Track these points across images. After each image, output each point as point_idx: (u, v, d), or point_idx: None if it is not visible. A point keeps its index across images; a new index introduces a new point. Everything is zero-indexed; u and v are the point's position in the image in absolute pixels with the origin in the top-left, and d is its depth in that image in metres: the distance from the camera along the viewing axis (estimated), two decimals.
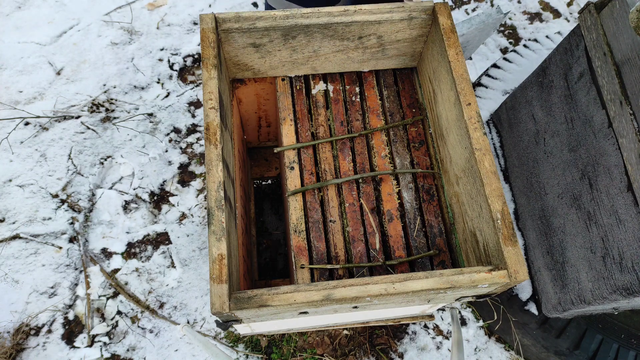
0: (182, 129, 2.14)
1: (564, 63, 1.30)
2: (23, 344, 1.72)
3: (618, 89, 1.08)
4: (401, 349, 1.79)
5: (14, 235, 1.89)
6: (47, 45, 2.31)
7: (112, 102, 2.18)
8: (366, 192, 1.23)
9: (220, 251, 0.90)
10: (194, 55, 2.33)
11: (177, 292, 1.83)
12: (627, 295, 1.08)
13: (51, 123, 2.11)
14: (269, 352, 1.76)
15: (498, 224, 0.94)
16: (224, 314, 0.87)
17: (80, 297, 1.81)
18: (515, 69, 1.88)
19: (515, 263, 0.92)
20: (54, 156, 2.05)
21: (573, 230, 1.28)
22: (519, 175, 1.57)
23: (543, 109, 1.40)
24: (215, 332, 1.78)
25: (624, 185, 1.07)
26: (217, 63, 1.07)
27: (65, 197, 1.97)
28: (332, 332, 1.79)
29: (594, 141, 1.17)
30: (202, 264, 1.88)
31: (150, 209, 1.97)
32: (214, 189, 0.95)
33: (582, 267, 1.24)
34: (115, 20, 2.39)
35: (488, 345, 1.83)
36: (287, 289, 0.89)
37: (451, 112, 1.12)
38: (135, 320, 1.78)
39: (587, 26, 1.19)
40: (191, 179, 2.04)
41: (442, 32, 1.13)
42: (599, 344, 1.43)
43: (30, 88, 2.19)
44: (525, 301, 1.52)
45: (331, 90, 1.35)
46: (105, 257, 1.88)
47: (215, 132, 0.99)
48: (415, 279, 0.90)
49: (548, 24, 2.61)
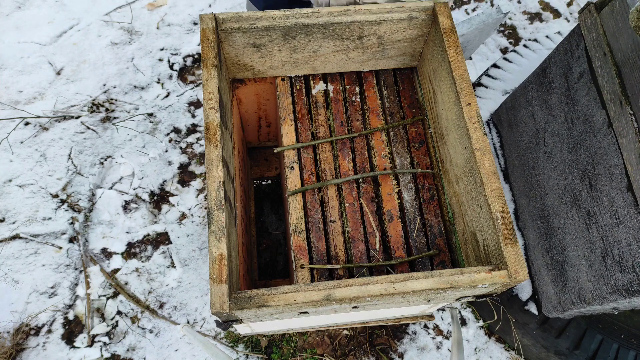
0: (182, 129, 2.14)
1: (564, 63, 1.30)
2: (23, 344, 1.72)
3: (618, 89, 1.08)
4: (401, 349, 1.79)
5: (14, 235, 1.89)
6: (47, 45, 2.31)
7: (112, 102, 2.18)
8: (366, 192, 1.23)
9: (220, 251, 0.90)
10: (194, 55, 2.33)
11: (177, 292, 1.83)
12: (627, 295, 1.08)
13: (51, 123, 2.11)
14: (269, 352, 1.76)
15: (498, 224, 0.94)
16: (224, 314, 0.87)
17: (80, 297, 1.81)
18: (515, 69, 1.88)
19: (515, 263, 0.92)
20: (54, 156, 2.05)
21: (573, 230, 1.28)
22: (519, 175, 1.57)
23: (543, 109, 1.40)
24: (215, 332, 1.78)
25: (624, 185, 1.07)
26: (217, 63, 1.07)
27: (65, 197, 1.97)
28: (332, 332, 1.79)
29: (594, 141, 1.17)
30: (202, 264, 1.88)
31: (150, 209, 1.97)
32: (214, 189, 0.95)
33: (582, 267, 1.24)
34: (115, 20, 2.39)
35: (488, 345, 1.83)
36: (287, 289, 0.89)
37: (451, 112, 1.12)
38: (135, 320, 1.78)
39: (587, 26, 1.19)
40: (191, 179, 2.04)
41: (442, 32, 1.13)
42: (599, 344, 1.43)
43: (30, 88, 2.19)
44: (525, 301, 1.52)
45: (331, 90, 1.35)
46: (105, 257, 1.88)
47: (215, 132, 0.99)
48: (415, 279, 0.90)
49: (548, 24, 2.61)
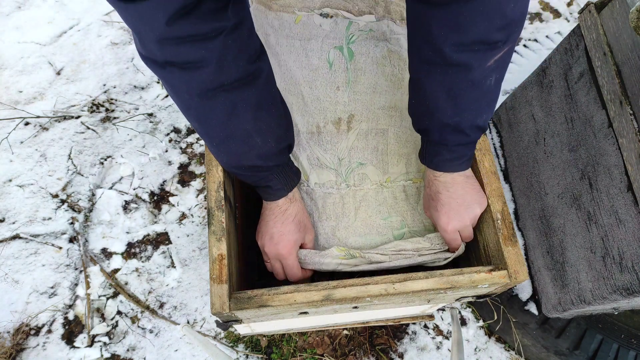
0: (182, 129, 2.14)
1: (564, 63, 1.30)
2: (23, 344, 1.72)
3: (618, 89, 1.08)
4: (401, 349, 1.79)
5: (14, 235, 1.89)
6: (47, 45, 2.31)
7: (112, 102, 2.18)
8: None
9: (220, 251, 0.90)
10: None
11: (177, 292, 1.83)
12: (627, 295, 1.08)
13: (51, 123, 2.11)
14: (269, 352, 1.76)
15: (498, 224, 0.94)
16: (224, 314, 0.87)
17: (80, 297, 1.81)
18: (515, 69, 1.88)
19: (515, 263, 0.92)
20: (54, 156, 2.05)
21: (573, 230, 1.28)
22: (519, 175, 1.57)
23: (543, 109, 1.40)
24: (215, 332, 1.78)
25: (624, 185, 1.07)
26: None
27: (65, 197, 1.97)
28: (332, 332, 1.79)
29: (594, 141, 1.17)
30: (202, 264, 1.88)
31: (150, 209, 1.97)
32: (214, 189, 0.95)
33: (582, 267, 1.24)
34: (115, 20, 2.39)
35: (488, 345, 1.83)
36: (287, 289, 0.89)
37: None
38: (135, 320, 1.78)
39: (587, 26, 1.19)
40: (191, 179, 2.04)
41: None
42: (599, 344, 1.43)
43: (30, 88, 2.19)
44: (525, 301, 1.52)
45: None
46: (105, 257, 1.88)
47: None
48: (415, 279, 0.90)
49: (548, 24, 2.61)
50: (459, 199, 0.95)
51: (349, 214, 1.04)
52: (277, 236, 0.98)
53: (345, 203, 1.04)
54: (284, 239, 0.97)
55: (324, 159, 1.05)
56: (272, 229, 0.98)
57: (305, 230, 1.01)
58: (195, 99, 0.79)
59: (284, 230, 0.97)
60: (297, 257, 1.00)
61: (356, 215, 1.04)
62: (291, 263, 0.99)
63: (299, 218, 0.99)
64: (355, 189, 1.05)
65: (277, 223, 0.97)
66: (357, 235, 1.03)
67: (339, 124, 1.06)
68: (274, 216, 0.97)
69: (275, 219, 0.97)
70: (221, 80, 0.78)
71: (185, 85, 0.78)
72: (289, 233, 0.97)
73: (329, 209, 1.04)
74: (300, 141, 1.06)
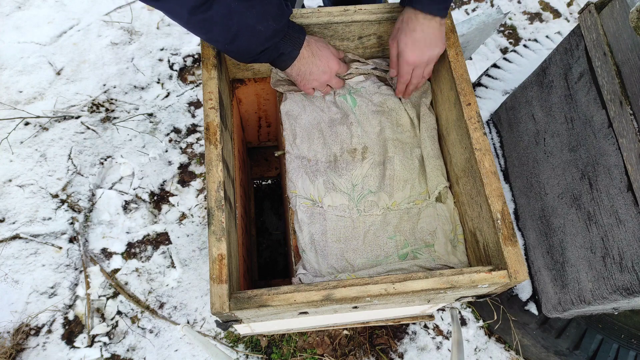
0: (182, 129, 2.14)
1: (564, 63, 1.30)
2: (23, 344, 1.72)
3: (618, 89, 1.08)
4: (401, 349, 1.79)
5: (14, 235, 1.89)
6: (47, 45, 2.31)
7: (112, 102, 2.18)
8: None
9: (220, 251, 0.90)
10: (194, 55, 2.33)
11: (177, 292, 1.83)
12: (627, 295, 1.08)
13: (51, 123, 2.11)
14: (269, 352, 1.76)
15: (498, 224, 0.94)
16: (224, 314, 0.87)
17: (80, 297, 1.81)
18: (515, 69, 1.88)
19: (515, 263, 0.92)
20: (54, 156, 2.05)
21: (573, 230, 1.28)
22: (519, 175, 1.57)
23: (543, 109, 1.40)
24: (215, 332, 1.78)
25: (624, 185, 1.07)
26: (217, 63, 1.07)
27: (65, 197, 1.97)
28: (332, 332, 1.79)
29: (594, 141, 1.17)
30: (202, 264, 1.88)
31: (150, 209, 1.97)
32: (214, 189, 0.95)
33: (582, 267, 1.24)
34: (115, 20, 2.39)
35: (488, 345, 1.83)
36: (287, 289, 0.89)
37: (451, 112, 1.12)
38: (135, 320, 1.78)
39: (587, 26, 1.19)
40: (191, 179, 2.04)
41: None
42: (599, 344, 1.43)
43: (30, 88, 2.19)
44: (525, 301, 1.52)
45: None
46: (105, 257, 1.88)
47: (215, 132, 0.99)
48: (415, 279, 0.90)
49: (548, 24, 2.61)
50: (427, 38, 1.07)
51: (358, 238, 1.12)
52: (321, 58, 1.11)
53: (355, 227, 1.13)
54: (325, 53, 1.12)
55: (338, 184, 1.15)
56: (312, 65, 1.10)
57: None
58: (192, 13, 0.88)
59: (321, 54, 1.11)
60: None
61: (364, 239, 1.12)
62: (341, 70, 1.20)
63: (321, 41, 1.14)
64: (365, 215, 1.14)
65: (315, 58, 1.10)
66: (364, 258, 1.11)
67: (354, 154, 1.19)
68: (306, 61, 1.09)
69: (311, 60, 1.10)
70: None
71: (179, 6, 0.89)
72: (325, 48, 1.13)
73: (339, 231, 1.12)
74: (319, 168, 1.18)
